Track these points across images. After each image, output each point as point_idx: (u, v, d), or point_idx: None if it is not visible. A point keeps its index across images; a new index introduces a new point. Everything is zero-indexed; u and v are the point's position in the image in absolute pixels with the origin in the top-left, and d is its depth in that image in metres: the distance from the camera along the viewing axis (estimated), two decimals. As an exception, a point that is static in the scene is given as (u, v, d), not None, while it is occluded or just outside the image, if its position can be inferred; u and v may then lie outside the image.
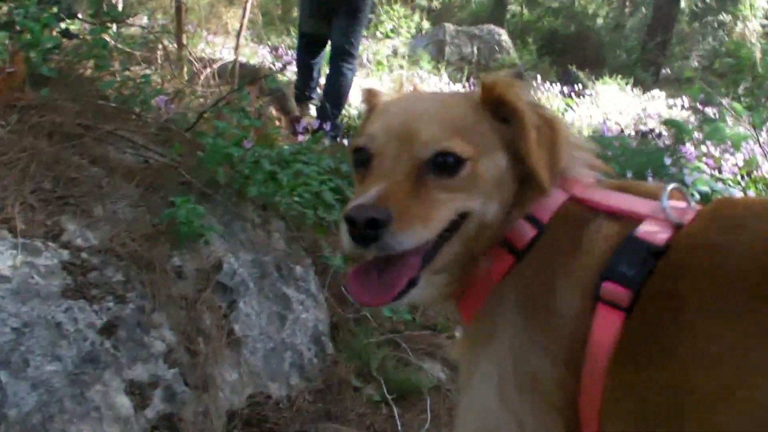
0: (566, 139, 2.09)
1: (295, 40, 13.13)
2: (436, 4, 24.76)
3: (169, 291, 3.66)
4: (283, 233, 4.53)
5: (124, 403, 3.23)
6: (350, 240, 1.82)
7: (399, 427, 3.93)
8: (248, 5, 7.69)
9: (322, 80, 9.17)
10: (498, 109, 2.06)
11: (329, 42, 8.64)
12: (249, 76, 8.52)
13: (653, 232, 1.83)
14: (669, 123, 11.05)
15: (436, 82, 13.94)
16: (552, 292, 1.87)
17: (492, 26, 18.74)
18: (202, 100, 6.47)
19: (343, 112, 9.37)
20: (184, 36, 7.57)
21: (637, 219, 1.90)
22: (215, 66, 7.81)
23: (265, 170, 4.41)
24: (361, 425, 3.88)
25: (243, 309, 3.94)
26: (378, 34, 18.01)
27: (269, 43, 16.30)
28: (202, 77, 7.21)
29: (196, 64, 7.53)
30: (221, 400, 3.64)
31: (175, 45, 7.56)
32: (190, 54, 7.62)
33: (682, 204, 1.93)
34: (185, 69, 7.24)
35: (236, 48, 7.79)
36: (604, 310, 1.78)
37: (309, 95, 9.05)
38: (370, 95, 2.38)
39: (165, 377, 3.42)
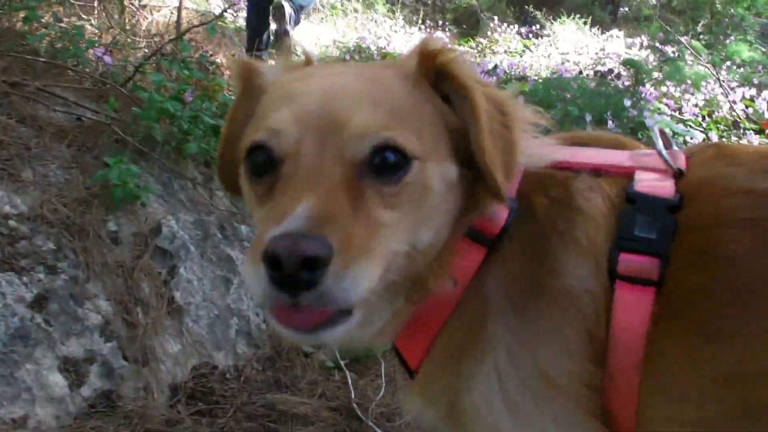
0: (523, 128, 1.58)
1: None
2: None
3: (104, 258, 3.47)
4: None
5: (58, 381, 3.06)
6: (270, 287, 1.27)
7: (352, 394, 3.75)
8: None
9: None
10: (438, 84, 1.58)
11: None
12: (198, 22, 8.27)
13: (655, 183, 1.49)
14: (628, 63, 10.90)
15: (391, 24, 13.72)
16: (554, 268, 1.48)
17: (448, -34, 18.55)
18: (146, 50, 6.20)
19: (296, 58, 9.00)
20: (126, -18, 7.25)
21: (624, 173, 1.55)
22: (156, 13, 7.54)
23: (206, 124, 4.18)
24: (312, 394, 3.70)
25: (184, 274, 3.74)
26: (331, -24, 17.71)
27: (221, -11, 15.98)
28: (143, 26, 6.93)
29: (138, 13, 7.24)
30: (163, 374, 3.46)
31: (116, -8, 7.25)
32: (131, 1, 7.31)
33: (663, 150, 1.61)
34: (126, 18, 6.94)
35: (180, -7, 7.48)
36: (626, 289, 1.42)
37: (261, 49, 8.73)
38: (245, 71, 1.74)
39: (101, 352, 3.25)
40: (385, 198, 1.42)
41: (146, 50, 6.09)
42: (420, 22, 14.72)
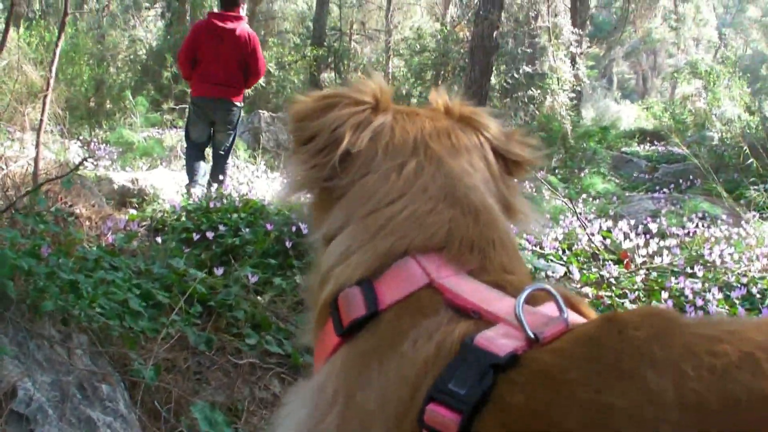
0: None
1: (108, 133, 14.20)
2: (249, 92, 24.76)
3: (-46, 426, 3.28)
4: (87, 348, 4.16)
5: None
6: None
7: None
8: (48, 99, 7.28)
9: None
10: None
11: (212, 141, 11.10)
12: (56, 172, 8.18)
13: (496, 338, 1.36)
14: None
15: (253, 170, 13.76)
16: (367, 384, 1.46)
17: (307, 111, 18.75)
18: (1, 203, 6.04)
19: (157, 207, 9.43)
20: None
21: (490, 321, 1.44)
22: (12, 165, 7.40)
23: (62, 281, 4.05)
24: None
25: (42, 439, 3.55)
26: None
27: (80, 138, 15.90)
28: (-1, 179, 6.78)
29: (-7, 165, 7.09)
30: None
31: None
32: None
33: (550, 311, 1.44)
34: (-19, 171, 6.80)
35: (37, 145, 7.33)
36: None
37: (196, 182, 10.51)
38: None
39: None
40: None
41: (1, 204, 5.94)
42: (282, 167, 14.80)
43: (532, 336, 1.35)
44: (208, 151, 11.34)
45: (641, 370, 1.13)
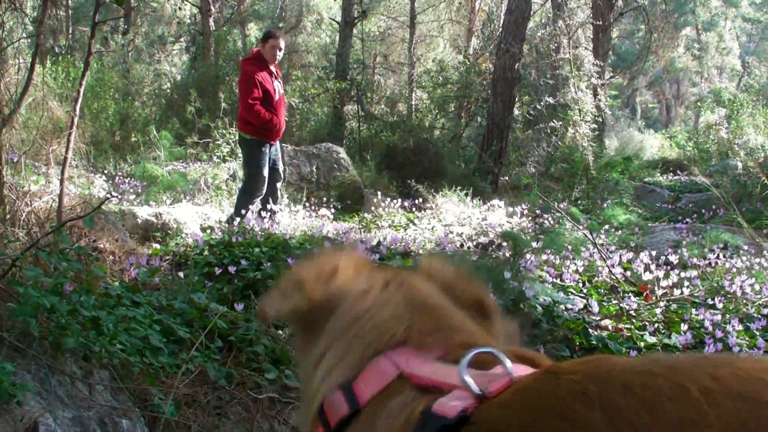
0: None
1: (132, 167, 14.52)
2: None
3: (-24, 463, 3.33)
4: (108, 384, 4.21)
5: None
6: None
7: None
8: (72, 137, 7.34)
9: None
10: None
11: None
12: (80, 208, 8.27)
13: (449, 402, 1.43)
14: (507, 236, 11.14)
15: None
16: None
17: (330, 144, 18.72)
18: (26, 241, 6.11)
19: (180, 241, 9.67)
20: (4, 169, 7.17)
21: (449, 389, 1.50)
22: (37, 201, 7.47)
23: (84, 317, 4.11)
24: None
25: (63, 475, 3.60)
26: (215, 158, 17.85)
27: (105, 172, 16.01)
28: (23, 215, 6.85)
29: (18, 202, 7.15)
30: None
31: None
32: (9, 189, 7.22)
33: (496, 370, 1.49)
34: (6, 208, 6.85)
35: (61, 182, 7.39)
36: None
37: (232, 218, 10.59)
38: None
39: None
40: None
41: (26, 241, 6.01)
42: (304, 199, 14.84)
43: (479, 392, 1.41)
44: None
45: (575, 408, 1.18)
